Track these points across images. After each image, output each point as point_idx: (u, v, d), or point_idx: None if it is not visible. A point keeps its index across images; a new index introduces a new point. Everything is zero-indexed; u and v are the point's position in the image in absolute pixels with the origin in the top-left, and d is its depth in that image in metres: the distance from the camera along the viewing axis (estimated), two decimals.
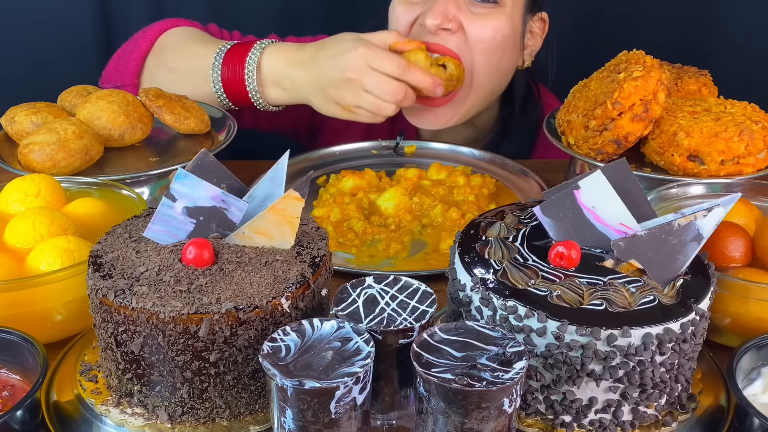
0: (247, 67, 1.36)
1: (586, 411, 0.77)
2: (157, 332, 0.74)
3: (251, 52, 1.36)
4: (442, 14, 1.36)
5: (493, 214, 0.91)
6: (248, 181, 0.90)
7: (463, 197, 1.28)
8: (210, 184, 0.81)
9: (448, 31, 1.37)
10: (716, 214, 0.79)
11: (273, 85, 1.37)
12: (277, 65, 1.36)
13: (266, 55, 1.36)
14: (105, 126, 1.23)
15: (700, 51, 1.90)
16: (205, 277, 0.77)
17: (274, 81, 1.36)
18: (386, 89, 1.28)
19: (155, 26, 1.48)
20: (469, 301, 0.80)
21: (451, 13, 1.36)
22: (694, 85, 1.35)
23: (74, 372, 0.86)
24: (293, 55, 1.36)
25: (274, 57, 1.36)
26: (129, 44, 1.49)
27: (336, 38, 1.34)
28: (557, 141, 1.26)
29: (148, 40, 1.46)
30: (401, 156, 1.48)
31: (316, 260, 0.81)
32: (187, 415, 0.78)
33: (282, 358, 0.69)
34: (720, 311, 0.90)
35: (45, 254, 0.93)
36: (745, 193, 1.07)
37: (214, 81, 1.39)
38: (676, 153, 1.12)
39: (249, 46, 1.37)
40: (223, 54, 1.38)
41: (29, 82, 1.93)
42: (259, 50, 1.36)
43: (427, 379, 0.67)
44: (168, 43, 1.45)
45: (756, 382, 0.84)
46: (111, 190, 1.10)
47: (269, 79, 1.37)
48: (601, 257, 0.82)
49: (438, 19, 1.35)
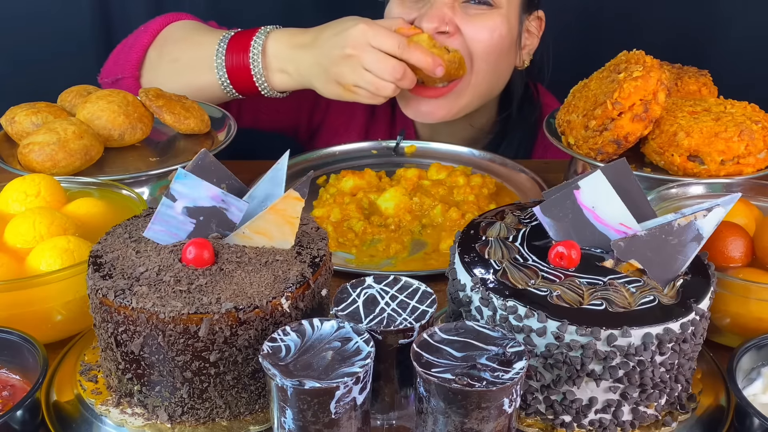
0: (251, 53, 1.36)
1: (586, 411, 0.77)
2: (157, 332, 0.74)
3: (256, 37, 1.37)
4: (438, 18, 1.36)
5: (493, 214, 0.91)
6: (248, 181, 0.90)
7: (463, 197, 1.28)
8: (210, 184, 0.81)
9: (446, 34, 1.37)
10: (716, 214, 0.79)
11: (278, 70, 1.37)
12: (281, 48, 1.36)
13: (271, 39, 1.37)
14: (105, 126, 1.23)
15: (700, 51, 1.90)
16: (205, 277, 0.77)
17: (278, 66, 1.37)
18: (385, 67, 1.29)
19: (157, 20, 1.49)
20: (469, 301, 0.80)
21: (447, 16, 1.37)
22: (694, 85, 1.35)
23: (74, 372, 0.86)
24: (297, 38, 1.36)
25: (278, 41, 1.37)
26: (130, 39, 1.49)
27: (339, 20, 1.35)
28: (557, 141, 1.26)
29: (150, 34, 1.46)
30: (401, 156, 1.48)
31: (316, 260, 0.81)
32: (187, 415, 0.78)
33: (282, 358, 0.69)
34: (720, 311, 0.90)
35: (45, 254, 0.93)
36: (745, 193, 1.07)
37: (218, 68, 1.39)
38: (676, 153, 1.12)
39: (253, 32, 1.38)
40: (227, 41, 1.39)
41: (29, 82, 1.93)
42: (264, 35, 1.37)
43: (427, 379, 0.67)
44: (170, 36, 1.45)
45: (756, 382, 0.84)
46: (111, 190, 1.10)
47: (274, 64, 1.37)
48: (601, 257, 0.82)
49: (435, 23, 1.36)
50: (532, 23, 1.50)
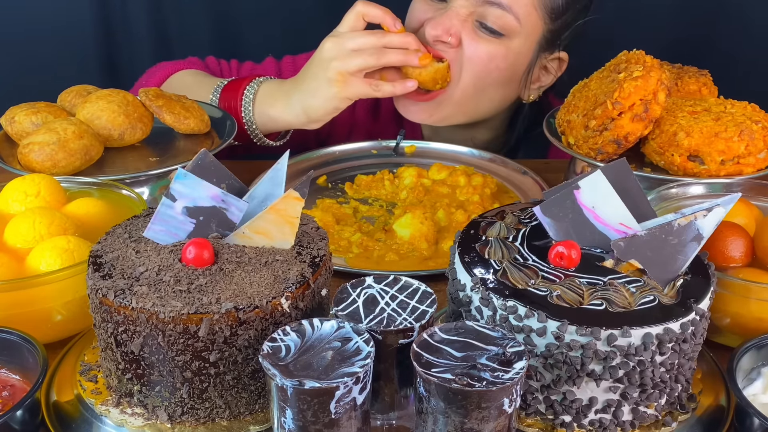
0: (244, 100, 1.39)
1: (586, 411, 0.77)
2: (157, 332, 0.74)
3: (248, 86, 1.39)
4: (443, 27, 1.35)
5: (493, 214, 0.91)
6: (248, 181, 0.90)
7: (467, 197, 1.27)
8: (210, 184, 0.81)
9: (446, 44, 1.37)
10: (716, 214, 0.79)
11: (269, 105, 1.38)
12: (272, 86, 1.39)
13: (262, 86, 1.40)
14: (105, 126, 1.23)
15: (700, 51, 1.90)
16: (205, 277, 0.77)
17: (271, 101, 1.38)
18: (365, 38, 1.29)
19: (162, 70, 1.52)
20: (469, 301, 0.80)
21: (454, 27, 1.35)
22: (694, 85, 1.34)
23: (74, 372, 0.86)
24: (284, 83, 1.40)
25: (269, 85, 1.40)
26: (134, 88, 1.52)
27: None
28: (557, 141, 1.26)
29: (155, 84, 1.51)
30: (401, 156, 1.48)
31: (316, 260, 0.81)
32: (187, 415, 0.78)
33: (282, 358, 0.69)
34: (720, 311, 0.90)
35: (45, 254, 0.93)
36: (745, 193, 1.07)
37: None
38: (676, 153, 1.12)
39: (245, 80, 1.41)
40: (219, 91, 1.41)
41: (29, 82, 1.93)
42: (257, 84, 1.39)
43: (427, 379, 0.67)
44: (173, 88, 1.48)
45: (756, 382, 0.84)
46: (111, 190, 1.10)
47: (267, 101, 1.38)
48: (601, 257, 0.82)
49: (438, 31, 1.35)
50: (552, 63, 1.47)
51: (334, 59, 1.29)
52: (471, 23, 1.37)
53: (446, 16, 1.36)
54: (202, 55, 1.63)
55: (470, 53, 1.37)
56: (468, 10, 1.36)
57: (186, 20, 2.00)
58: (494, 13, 1.35)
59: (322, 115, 1.35)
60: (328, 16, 1.52)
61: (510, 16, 1.35)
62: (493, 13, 1.35)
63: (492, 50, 1.37)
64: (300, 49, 1.62)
